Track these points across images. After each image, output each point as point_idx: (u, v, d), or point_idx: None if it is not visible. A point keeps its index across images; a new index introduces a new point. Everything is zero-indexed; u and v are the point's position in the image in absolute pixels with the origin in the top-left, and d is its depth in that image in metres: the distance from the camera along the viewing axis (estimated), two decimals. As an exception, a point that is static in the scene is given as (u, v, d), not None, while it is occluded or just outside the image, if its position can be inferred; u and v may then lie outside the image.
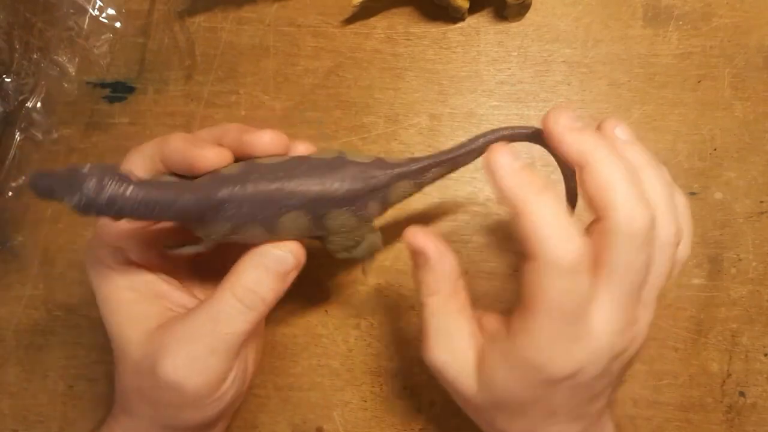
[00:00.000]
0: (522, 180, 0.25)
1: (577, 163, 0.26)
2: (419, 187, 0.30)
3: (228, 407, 0.30)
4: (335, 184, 0.27)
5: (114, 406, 0.32)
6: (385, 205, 0.30)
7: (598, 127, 0.29)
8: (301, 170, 0.27)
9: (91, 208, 0.23)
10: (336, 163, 0.28)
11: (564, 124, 0.26)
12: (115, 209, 0.23)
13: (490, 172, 0.26)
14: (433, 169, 0.30)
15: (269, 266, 0.28)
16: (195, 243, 0.28)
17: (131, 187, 0.24)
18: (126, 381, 0.30)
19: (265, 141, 0.28)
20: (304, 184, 0.27)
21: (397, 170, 0.29)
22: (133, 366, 0.28)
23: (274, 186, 0.26)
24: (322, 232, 0.28)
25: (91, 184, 0.23)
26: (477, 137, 0.31)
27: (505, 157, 0.26)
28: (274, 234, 0.27)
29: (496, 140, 0.30)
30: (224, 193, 0.26)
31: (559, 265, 0.24)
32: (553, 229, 0.24)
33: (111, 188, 0.23)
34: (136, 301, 0.29)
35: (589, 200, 0.26)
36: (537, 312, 0.25)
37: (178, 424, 0.29)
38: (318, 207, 0.27)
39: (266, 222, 0.27)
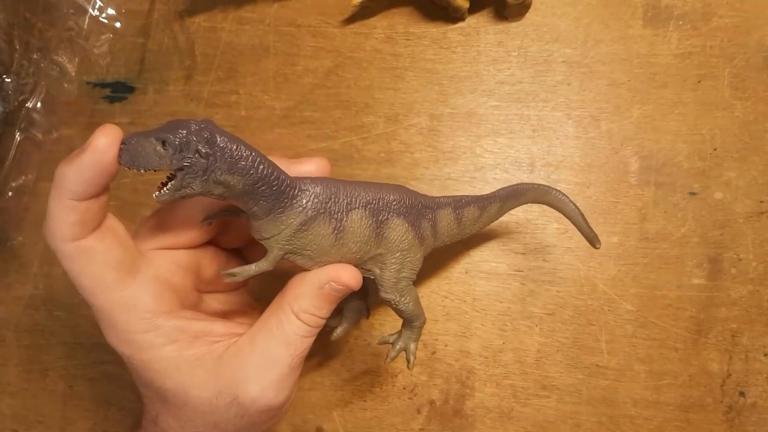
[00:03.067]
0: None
1: None
2: (459, 224, 0.32)
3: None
4: (392, 192, 0.29)
5: None
6: (435, 232, 0.31)
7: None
8: (364, 183, 0.29)
9: (190, 146, 0.24)
10: (393, 185, 0.30)
11: None
12: (211, 151, 0.24)
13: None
14: (472, 206, 0.32)
15: (328, 294, 0.28)
16: (257, 261, 0.27)
17: (228, 136, 0.24)
18: (192, 425, 0.29)
19: (312, 169, 0.29)
20: (367, 187, 0.28)
21: (438, 198, 0.31)
22: (204, 407, 0.28)
23: (342, 184, 0.28)
24: (381, 249, 0.29)
25: (194, 124, 0.24)
26: (518, 185, 0.34)
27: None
28: (341, 238, 0.27)
29: (522, 190, 0.34)
30: (303, 180, 0.27)
31: None
32: None
33: (213, 129, 0.24)
34: (182, 350, 0.28)
35: None
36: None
37: None
38: (379, 208, 0.28)
39: (335, 219, 0.27)
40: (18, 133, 0.42)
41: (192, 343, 0.28)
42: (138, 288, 0.27)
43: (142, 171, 0.24)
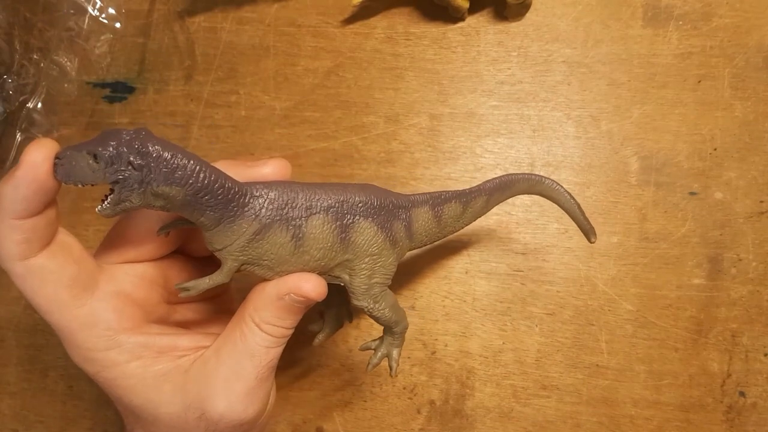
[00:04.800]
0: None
1: None
2: (439, 223, 0.30)
3: (270, 418, 0.31)
4: (358, 193, 0.27)
5: None
6: (410, 233, 0.29)
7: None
8: (327, 185, 0.27)
9: (122, 158, 0.22)
10: (362, 185, 0.28)
11: None
12: (144, 163, 0.22)
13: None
14: (453, 201, 0.30)
15: (289, 306, 0.27)
16: (212, 274, 0.26)
17: (163, 144, 0.23)
18: None
19: (268, 171, 0.27)
20: (330, 189, 0.27)
21: (413, 196, 0.29)
22: (174, 422, 0.28)
23: (302, 187, 0.26)
24: (348, 254, 0.27)
25: (125, 134, 0.23)
26: (506, 176, 0.32)
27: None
28: (300, 246, 0.26)
29: (510, 182, 0.32)
30: (255, 186, 0.25)
31: None
32: None
33: (145, 138, 0.23)
34: (147, 366, 0.27)
35: None
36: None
37: None
38: (343, 212, 0.26)
39: (293, 226, 0.25)
40: (18, 134, 0.42)
41: (157, 358, 0.27)
42: (97, 305, 0.26)
43: (79, 185, 0.23)
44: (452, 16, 0.41)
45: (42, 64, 0.42)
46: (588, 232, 0.32)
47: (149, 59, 0.42)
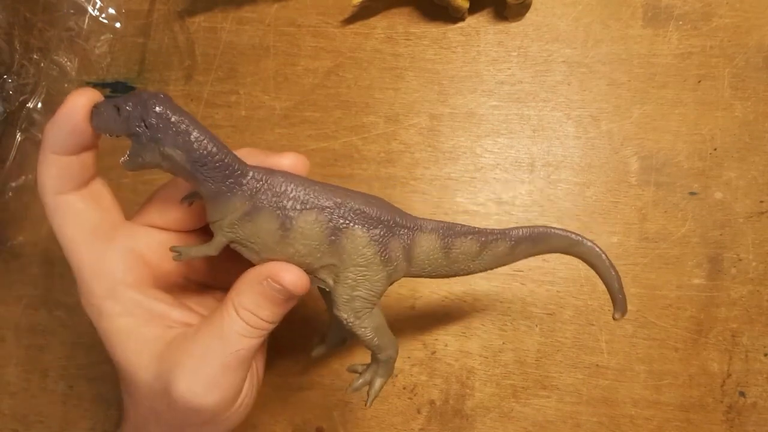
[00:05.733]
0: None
1: None
2: (448, 256, 0.28)
3: (242, 419, 0.30)
4: (359, 201, 0.26)
5: (125, 429, 0.31)
6: (409, 257, 0.28)
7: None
8: (334, 187, 0.27)
9: (137, 115, 0.24)
10: (370, 195, 0.27)
11: None
12: (155, 122, 0.24)
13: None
14: (469, 237, 0.28)
15: (267, 293, 0.27)
16: (205, 244, 0.27)
17: (174, 109, 0.25)
18: (140, 407, 0.29)
19: (286, 164, 0.28)
20: (333, 191, 0.26)
21: (423, 220, 0.28)
22: (146, 390, 0.28)
23: (305, 182, 0.26)
24: (335, 259, 0.26)
25: (145, 95, 0.24)
26: (542, 228, 0.29)
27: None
28: (286, 237, 0.26)
29: (544, 235, 0.29)
30: (257, 169, 0.26)
31: None
32: None
33: (160, 101, 0.24)
34: (136, 326, 0.28)
35: None
36: None
37: None
38: (340, 215, 0.26)
39: (284, 215, 0.25)
40: (19, 134, 0.42)
41: (148, 321, 0.28)
42: (109, 254, 0.27)
43: (107, 135, 0.25)
44: (452, 16, 0.41)
45: (42, 64, 0.42)
46: (620, 306, 0.29)
47: (149, 59, 0.42)
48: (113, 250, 0.27)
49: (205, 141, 0.24)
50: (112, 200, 0.28)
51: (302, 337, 0.39)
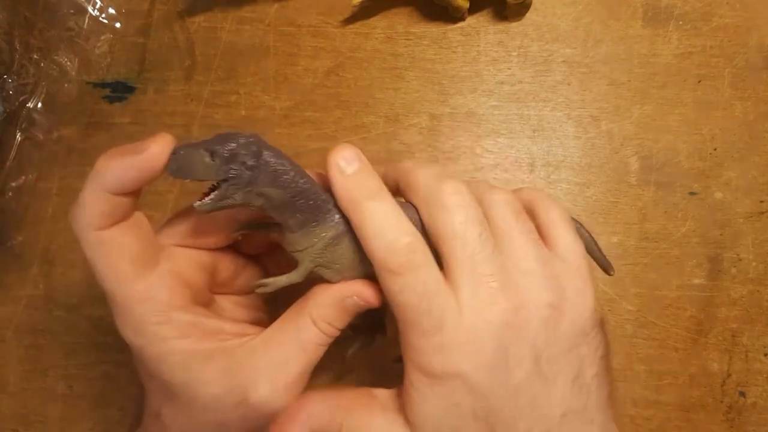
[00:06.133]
0: (354, 185, 0.26)
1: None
2: None
3: None
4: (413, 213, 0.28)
5: None
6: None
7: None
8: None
9: (237, 159, 0.25)
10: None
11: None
12: (256, 164, 0.25)
13: (329, 176, 0.27)
14: None
15: (349, 308, 0.28)
16: (288, 273, 0.28)
17: (274, 151, 0.26)
18: (199, 421, 0.29)
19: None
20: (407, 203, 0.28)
21: None
22: (211, 404, 0.28)
23: None
24: None
25: (242, 138, 0.25)
26: None
27: (341, 161, 0.26)
28: (366, 257, 0.27)
29: None
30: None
31: (386, 266, 0.25)
32: (378, 233, 0.25)
33: (260, 143, 0.25)
34: (193, 344, 0.28)
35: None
36: (397, 319, 0.26)
37: None
38: (415, 220, 0.27)
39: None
40: (18, 134, 0.42)
41: (204, 338, 0.28)
42: (155, 280, 0.27)
43: (188, 180, 0.25)
44: (452, 16, 0.41)
45: (42, 64, 0.42)
46: (606, 267, 0.32)
47: (149, 59, 0.42)
48: (158, 276, 0.27)
49: (302, 178, 0.26)
50: (148, 226, 0.28)
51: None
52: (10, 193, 0.41)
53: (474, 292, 0.25)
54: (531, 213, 0.29)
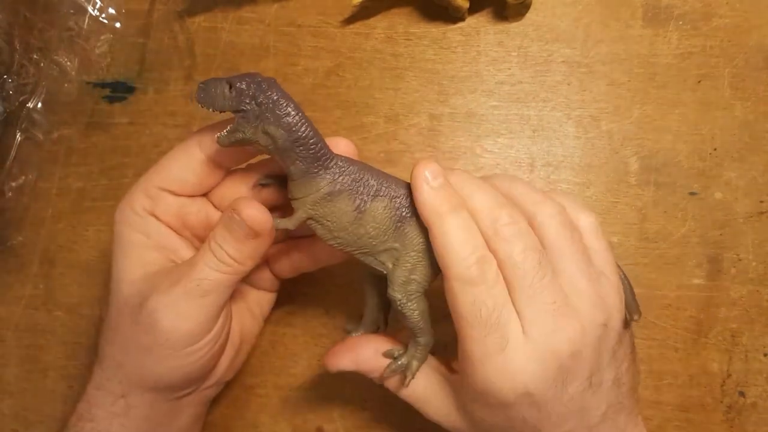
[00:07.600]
0: (438, 198, 0.27)
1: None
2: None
3: (205, 372, 0.32)
4: None
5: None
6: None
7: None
8: (399, 179, 0.30)
9: (249, 93, 0.27)
10: None
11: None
12: (264, 101, 0.27)
13: (413, 187, 0.28)
14: None
15: (230, 225, 0.28)
16: (286, 218, 0.29)
17: (282, 93, 0.28)
18: (109, 320, 0.31)
19: (341, 149, 0.30)
20: (400, 184, 0.30)
21: None
22: (121, 303, 0.30)
23: (376, 172, 0.29)
24: (398, 243, 0.29)
25: (259, 77, 0.27)
26: None
27: (426, 174, 0.28)
28: (360, 219, 0.28)
29: None
30: (341, 156, 0.29)
31: (461, 276, 0.26)
32: (457, 244, 0.26)
33: (271, 84, 0.27)
34: (145, 246, 0.30)
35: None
36: (461, 330, 0.27)
37: (146, 374, 0.30)
38: (404, 204, 0.29)
39: (360, 199, 0.28)
40: (18, 134, 0.42)
41: (156, 247, 0.30)
42: (156, 194, 0.31)
43: (210, 110, 0.28)
44: (452, 16, 0.41)
45: (42, 64, 0.42)
46: (632, 312, 0.32)
47: (149, 59, 0.42)
48: (158, 197, 0.31)
49: (305, 124, 0.27)
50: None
51: (302, 338, 0.39)
52: (10, 193, 0.41)
53: (536, 318, 0.27)
54: None
